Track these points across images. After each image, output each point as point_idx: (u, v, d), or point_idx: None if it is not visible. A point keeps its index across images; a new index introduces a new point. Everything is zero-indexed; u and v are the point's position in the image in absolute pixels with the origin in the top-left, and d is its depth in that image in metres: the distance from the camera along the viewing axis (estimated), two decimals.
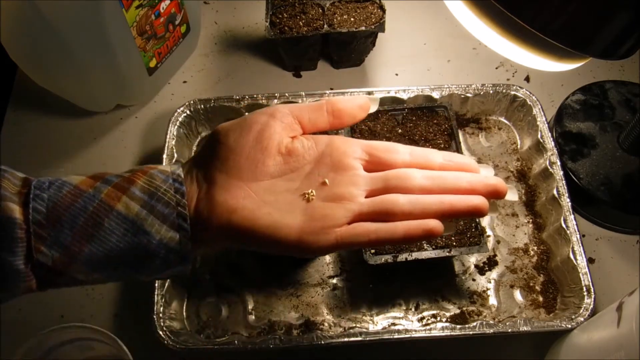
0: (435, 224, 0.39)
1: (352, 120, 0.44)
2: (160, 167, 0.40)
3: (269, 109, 0.42)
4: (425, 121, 0.65)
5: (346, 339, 0.54)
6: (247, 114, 0.42)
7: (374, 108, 0.44)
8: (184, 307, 0.59)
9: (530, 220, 0.65)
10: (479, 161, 0.68)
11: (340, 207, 0.40)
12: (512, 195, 0.43)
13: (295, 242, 0.39)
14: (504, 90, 0.68)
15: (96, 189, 0.37)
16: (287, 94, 0.67)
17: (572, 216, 0.60)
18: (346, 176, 0.41)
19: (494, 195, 0.42)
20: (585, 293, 0.56)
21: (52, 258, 0.36)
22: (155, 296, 0.55)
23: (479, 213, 0.40)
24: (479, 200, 0.40)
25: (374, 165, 0.42)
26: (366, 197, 0.41)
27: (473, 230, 0.58)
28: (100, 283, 0.39)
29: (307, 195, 0.40)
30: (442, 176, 0.41)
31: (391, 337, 0.54)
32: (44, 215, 0.36)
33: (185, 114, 0.67)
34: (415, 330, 0.55)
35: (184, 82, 0.76)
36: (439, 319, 0.59)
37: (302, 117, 0.42)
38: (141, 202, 0.37)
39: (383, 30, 0.70)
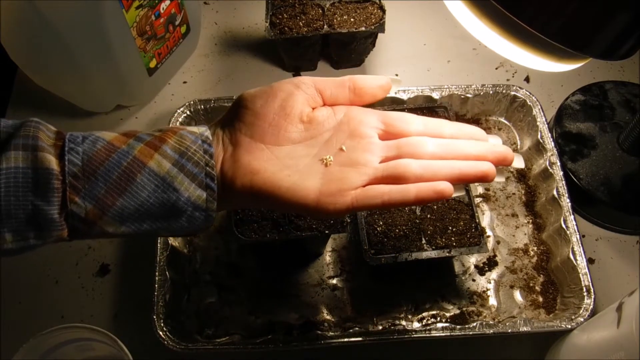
0: (445, 186, 0.41)
1: (372, 100, 0.46)
2: (189, 128, 0.42)
3: (294, 80, 0.44)
4: None
5: (346, 340, 0.54)
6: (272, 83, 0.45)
7: (395, 89, 0.46)
8: (184, 307, 0.59)
9: (530, 220, 0.65)
10: None
11: (356, 172, 0.42)
12: (519, 162, 0.45)
13: (313, 203, 0.41)
14: (503, 91, 0.68)
15: (129, 145, 0.39)
16: None
17: (572, 216, 0.60)
18: (362, 143, 0.43)
19: (501, 162, 0.44)
20: (585, 293, 0.56)
21: (86, 209, 0.37)
22: (155, 296, 0.55)
23: (486, 178, 0.42)
24: (487, 166, 0.42)
25: (388, 134, 0.44)
26: (380, 163, 0.43)
27: (473, 230, 0.58)
28: (126, 237, 0.41)
29: (325, 161, 0.42)
30: (453, 144, 0.43)
31: (391, 337, 0.54)
32: (79, 167, 0.37)
33: (185, 115, 0.67)
34: (415, 331, 0.55)
35: (184, 82, 0.76)
36: (439, 319, 0.59)
37: (324, 91, 0.44)
38: (172, 161, 0.39)
39: (383, 31, 0.70)
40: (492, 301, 0.60)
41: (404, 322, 0.58)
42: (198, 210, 0.40)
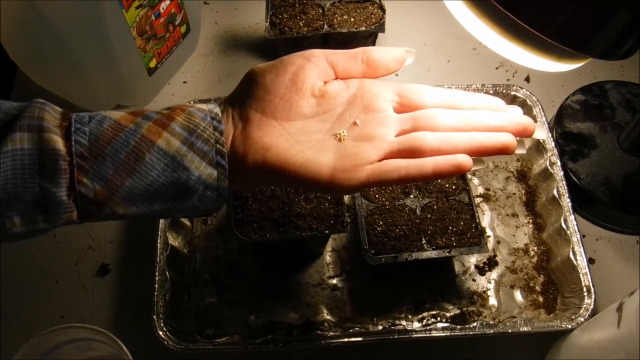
0: (464, 159, 0.40)
1: (386, 72, 0.44)
2: (198, 106, 0.41)
3: (304, 53, 0.43)
4: None
5: (346, 340, 0.54)
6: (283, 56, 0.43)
7: (410, 61, 0.45)
8: (184, 307, 0.59)
9: (531, 220, 0.65)
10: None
11: (371, 146, 0.41)
12: (541, 133, 0.44)
13: (327, 180, 0.40)
14: (504, 91, 0.68)
15: (137, 124, 0.38)
16: None
17: (572, 216, 0.60)
18: (376, 117, 0.42)
19: (522, 133, 0.42)
20: (585, 293, 0.56)
21: (94, 190, 0.36)
22: (155, 296, 0.55)
23: (507, 150, 0.41)
24: (508, 138, 0.41)
25: (404, 107, 0.43)
26: (396, 136, 0.42)
27: (473, 230, 0.58)
28: (137, 218, 0.39)
29: (338, 135, 0.41)
30: (471, 115, 0.42)
31: (391, 337, 0.54)
32: (87, 148, 0.36)
33: None
34: (415, 331, 0.55)
35: (184, 82, 0.76)
36: (439, 319, 0.58)
37: (337, 64, 0.43)
38: (181, 139, 0.38)
39: (383, 31, 0.70)
40: (492, 301, 0.60)
41: (404, 322, 0.58)
42: (209, 189, 0.39)
